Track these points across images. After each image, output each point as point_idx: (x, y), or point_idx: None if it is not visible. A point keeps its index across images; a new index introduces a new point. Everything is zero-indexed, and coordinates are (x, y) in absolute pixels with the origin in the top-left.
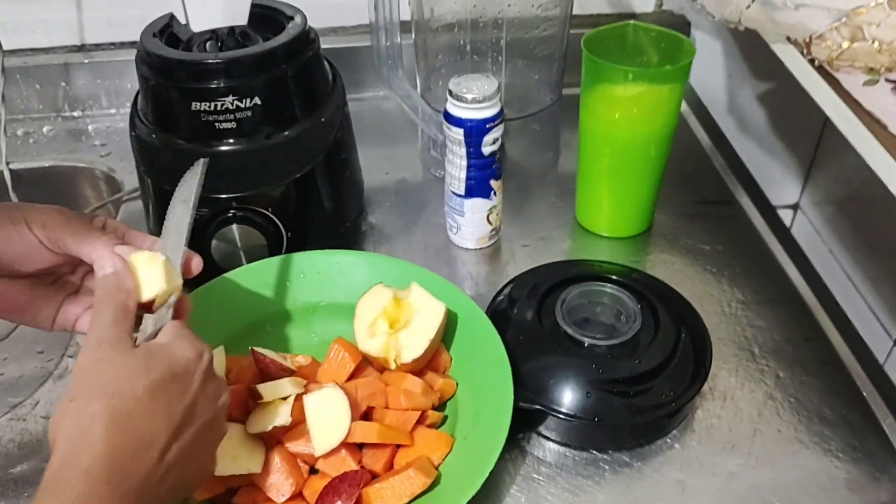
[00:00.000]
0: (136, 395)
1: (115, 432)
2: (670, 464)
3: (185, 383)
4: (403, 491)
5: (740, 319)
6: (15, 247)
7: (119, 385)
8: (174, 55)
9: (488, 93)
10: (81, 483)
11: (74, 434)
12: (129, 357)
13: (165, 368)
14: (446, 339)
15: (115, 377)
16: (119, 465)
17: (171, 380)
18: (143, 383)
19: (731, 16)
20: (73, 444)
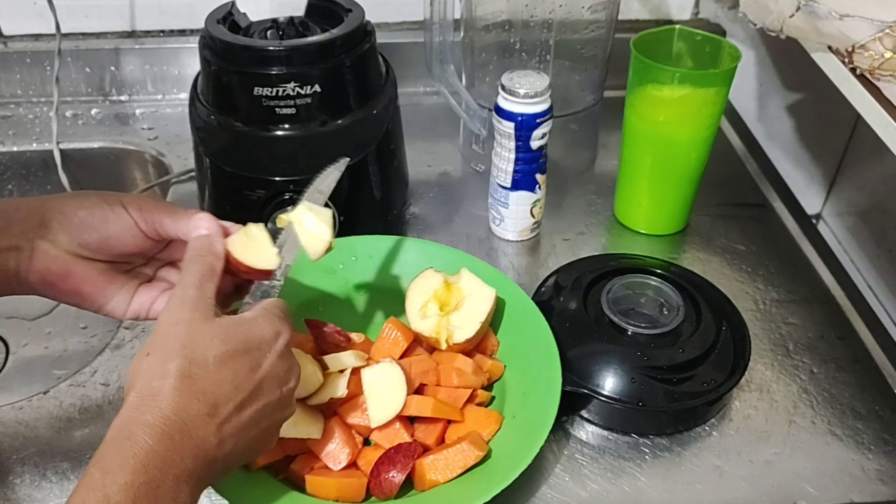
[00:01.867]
0: (207, 363)
1: (181, 393)
2: (708, 450)
3: (256, 360)
4: (456, 463)
5: (775, 317)
6: (110, 227)
7: (193, 349)
8: (240, 41)
9: (540, 88)
10: (147, 437)
11: (145, 389)
12: (207, 324)
13: (240, 342)
14: (494, 324)
15: (191, 341)
16: (180, 424)
17: (243, 354)
18: (216, 352)
19: (773, 24)
20: (142, 398)
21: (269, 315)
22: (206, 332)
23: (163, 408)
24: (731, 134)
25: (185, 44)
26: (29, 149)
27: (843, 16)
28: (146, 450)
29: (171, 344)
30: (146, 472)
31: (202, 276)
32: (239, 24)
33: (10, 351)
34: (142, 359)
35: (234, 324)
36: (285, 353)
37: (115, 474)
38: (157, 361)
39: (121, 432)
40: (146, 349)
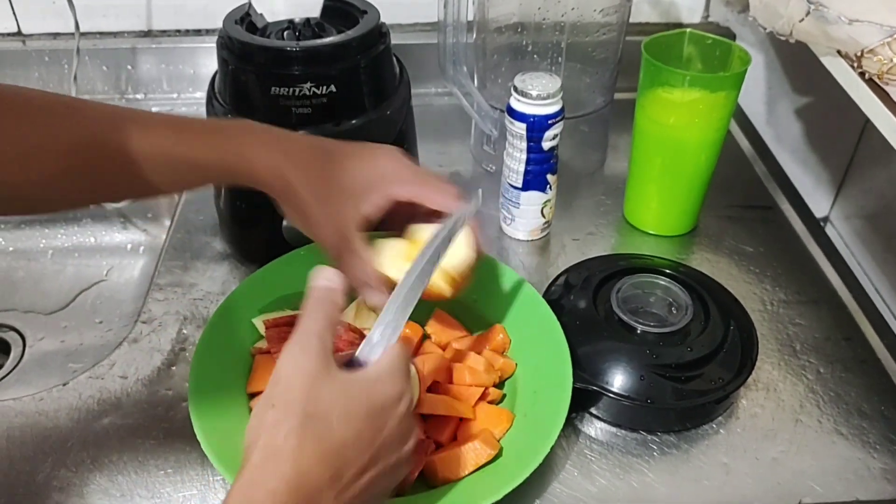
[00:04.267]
0: (330, 422)
1: (304, 455)
2: (716, 447)
3: (381, 423)
4: (468, 461)
5: (782, 317)
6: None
7: (316, 406)
8: (257, 42)
9: (552, 90)
10: (268, 502)
11: (269, 447)
12: (331, 380)
13: (365, 405)
14: (506, 321)
15: (315, 397)
16: (303, 491)
17: (367, 417)
18: (338, 412)
19: (783, 28)
20: (265, 457)
21: (394, 374)
22: (331, 388)
23: (286, 472)
24: (739, 136)
25: (200, 43)
26: None
27: (852, 20)
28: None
29: (292, 395)
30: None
31: (324, 325)
32: (256, 25)
33: (27, 344)
34: (265, 410)
35: (358, 382)
36: (406, 416)
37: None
38: (281, 415)
39: (244, 496)
40: (269, 400)
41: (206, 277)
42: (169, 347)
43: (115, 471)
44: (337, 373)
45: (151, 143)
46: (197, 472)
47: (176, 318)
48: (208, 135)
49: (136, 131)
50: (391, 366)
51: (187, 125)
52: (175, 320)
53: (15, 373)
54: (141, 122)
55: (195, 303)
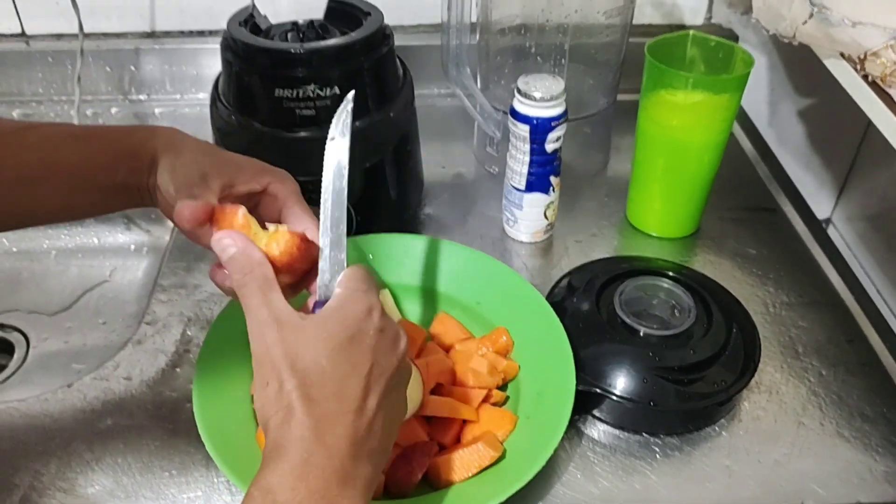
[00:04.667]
0: (321, 367)
1: (313, 404)
2: (718, 450)
3: (364, 342)
4: (472, 463)
5: (784, 320)
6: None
7: (304, 362)
8: (261, 43)
9: (555, 92)
10: (297, 448)
11: (281, 413)
12: (301, 332)
13: (342, 334)
14: (509, 323)
15: (296, 356)
16: (326, 428)
17: (348, 343)
18: (325, 354)
19: (786, 31)
20: (283, 420)
21: (354, 293)
22: (305, 339)
23: (304, 421)
24: (742, 138)
25: (203, 44)
26: None
27: (855, 23)
28: (301, 462)
29: (279, 366)
30: (307, 484)
31: (262, 290)
32: (260, 27)
33: (31, 345)
34: (262, 390)
35: (327, 319)
36: (384, 323)
37: (275, 492)
38: (277, 387)
39: (275, 450)
40: (261, 380)
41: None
42: (173, 349)
43: (119, 472)
44: (304, 323)
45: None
46: (201, 474)
47: (180, 319)
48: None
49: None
50: (348, 288)
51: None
52: (179, 322)
53: (19, 373)
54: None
55: (199, 304)
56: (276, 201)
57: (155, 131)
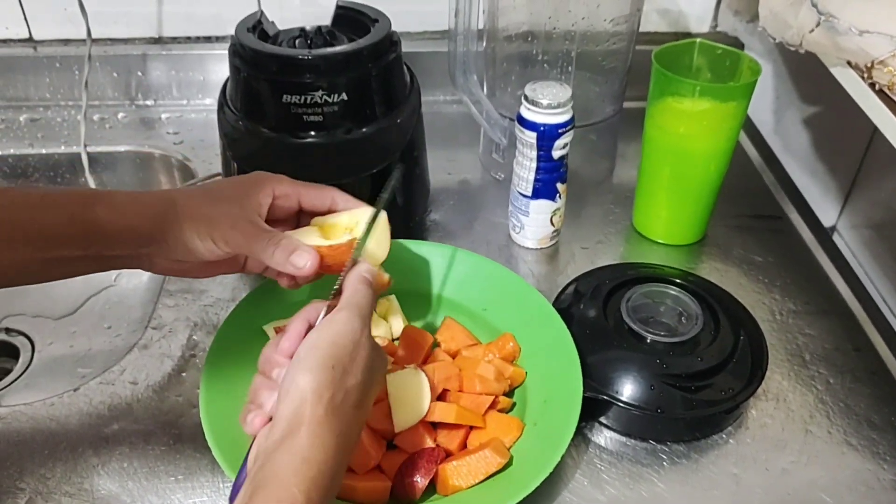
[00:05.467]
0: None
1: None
2: (725, 458)
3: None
4: (479, 470)
5: (791, 328)
6: (206, 258)
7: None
8: (270, 49)
9: (562, 99)
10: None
11: (340, 395)
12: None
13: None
14: (515, 330)
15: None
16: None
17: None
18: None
19: (793, 39)
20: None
21: (346, 326)
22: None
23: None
24: (748, 146)
25: (210, 50)
26: (57, 151)
27: (862, 32)
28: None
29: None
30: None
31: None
32: (268, 33)
33: (36, 349)
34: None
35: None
36: (372, 346)
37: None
38: (338, 375)
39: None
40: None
41: (216, 283)
42: (179, 353)
43: (125, 477)
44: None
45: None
46: (207, 479)
47: (186, 324)
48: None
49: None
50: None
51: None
52: (185, 326)
53: (24, 377)
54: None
55: (205, 309)
56: (289, 198)
57: (139, 211)
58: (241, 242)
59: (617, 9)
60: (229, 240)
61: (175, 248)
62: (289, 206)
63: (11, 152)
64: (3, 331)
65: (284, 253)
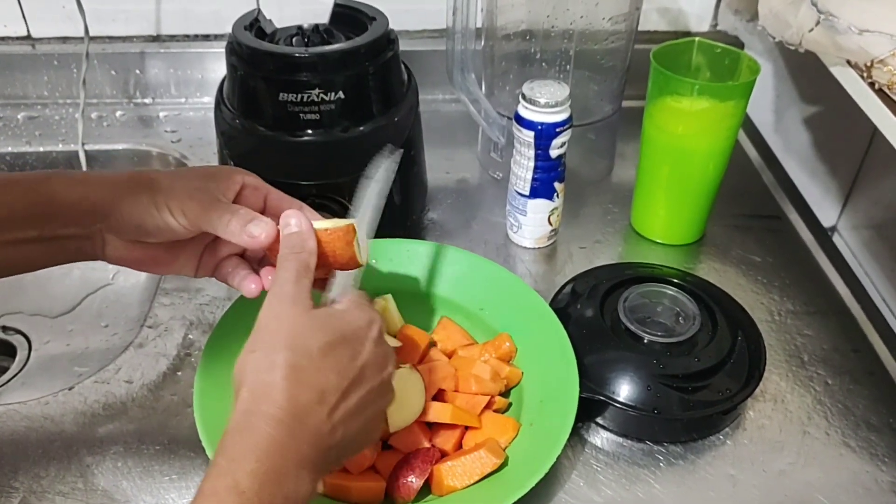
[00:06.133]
0: (311, 353)
1: (292, 384)
2: (722, 459)
3: (356, 348)
4: (474, 470)
5: (790, 328)
6: (160, 227)
7: (295, 341)
8: (266, 48)
9: (560, 98)
10: (267, 426)
11: (257, 383)
12: (307, 317)
13: (338, 332)
14: (512, 329)
15: (293, 334)
16: (296, 413)
17: (342, 343)
18: (318, 343)
19: (792, 38)
20: (255, 392)
21: (360, 305)
22: (307, 324)
23: (277, 399)
24: (747, 145)
25: (208, 48)
26: (55, 149)
27: (862, 31)
28: (267, 438)
29: (275, 338)
30: (269, 459)
31: (298, 272)
32: (265, 31)
33: (33, 347)
34: (247, 356)
35: (331, 315)
36: (380, 340)
37: (240, 461)
38: (264, 356)
39: (242, 423)
40: (251, 346)
41: (212, 282)
42: (175, 353)
43: (119, 476)
44: (313, 311)
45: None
46: (202, 478)
47: (182, 323)
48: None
49: None
50: (355, 302)
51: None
52: (181, 325)
53: (20, 376)
54: None
55: (201, 308)
56: (258, 191)
57: (98, 181)
58: (197, 213)
59: (616, 7)
60: (186, 210)
61: (129, 221)
62: (255, 200)
63: (9, 150)
64: None
65: (241, 222)
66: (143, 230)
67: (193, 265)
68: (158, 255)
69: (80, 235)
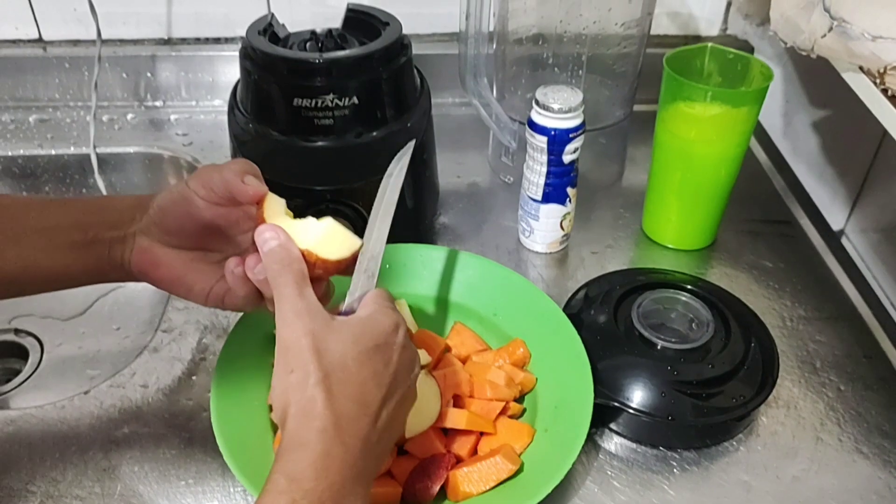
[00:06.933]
0: (346, 366)
1: (335, 400)
2: (736, 465)
3: (388, 354)
4: (489, 476)
5: (802, 334)
6: (181, 205)
7: (331, 358)
8: (281, 53)
9: (573, 104)
10: (319, 441)
11: (302, 403)
12: (333, 330)
13: (370, 341)
14: (526, 335)
15: (324, 349)
16: (344, 426)
17: (374, 351)
18: (352, 355)
19: (804, 44)
20: (303, 411)
21: (384, 309)
22: (336, 338)
23: (326, 415)
24: (757, 150)
25: (220, 51)
26: (66, 152)
27: (875, 37)
28: (323, 454)
29: (306, 356)
30: (327, 476)
31: (298, 284)
32: (278, 35)
33: (45, 350)
34: (286, 377)
35: (357, 325)
36: (407, 343)
37: (299, 480)
38: (302, 376)
39: (297, 439)
40: (286, 367)
41: None
42: (189, 357)
43: (136, 480)
44: (336, 323)
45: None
46: (218, 483)
47: (196, 327)
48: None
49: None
50: (377, 304)
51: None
52: (195, 329)
53: (33, 378)
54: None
55: (216, 312)
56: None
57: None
58: (206, 175)
59: (628, 12)
60: (202, 175)
61: (158, 211)
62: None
63: (21, 153)
64: (12, 331)
65: (240, 173)
66: (169, 212)
67: (206, 288)
68: (177, 264)
69: (113, 239)
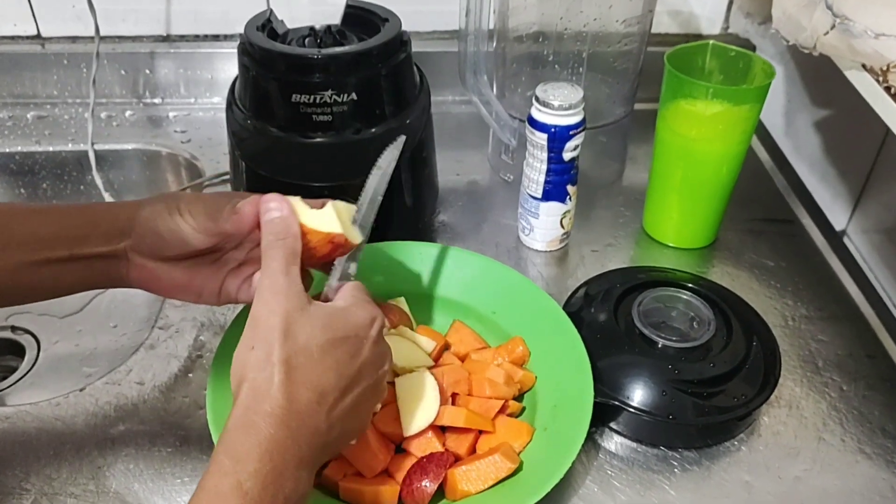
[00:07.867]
0: (311, 352)
1: (292, 383)
2: (737, 465)
3: (356, 347)
4: (488, 475)
5: (804, 333)
6: (175, 233)
7: (296, 340)
8: (279, 49)
9: (574, 101)
10: (267, 424)
11: (257, 381)
12: (306, 314)
13: (340, 331)
14: (525, 333)
15: (292, 331)
16: (295, 412)
17: (342, 342)
18: (318, 342)
19: (806, 41)
20: (256, 390)
21: (361, 302)
22: (307, 322)
23: (277, 398)
24: (759, 148)
25: (218, 48)
26: (64, 149)
27: (878, 35)
28: (269, 438)
29: (272, 335)
30: (272, 459)
31: (286, 261)
32: (277, 32)
33: (42, 347)
34: (247, 352)
35: (332, 314)
36: (380, 339)
37: (244, 462)
38: (263, 354)
39: (244, 421)
40: (249, 342)
41: None
42: (186, 354)
43: (131, 478)
44: (311, 308)
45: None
46: None
47: (193, 324)
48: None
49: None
50: (355, 296)
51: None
52: (192, 327)
53: (29, 376)
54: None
55: (212, 310)
56: None
57: (132, 202)
58: (203, 212)
59: (629, 10)
60: (194, 211)
61: (147, 228)
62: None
63: (19, 150)
64: (8, 329)
65: (253, 205)
66: (159, 236)
67: (215, 289)
68: (177, 276)
69: (107, 255)
